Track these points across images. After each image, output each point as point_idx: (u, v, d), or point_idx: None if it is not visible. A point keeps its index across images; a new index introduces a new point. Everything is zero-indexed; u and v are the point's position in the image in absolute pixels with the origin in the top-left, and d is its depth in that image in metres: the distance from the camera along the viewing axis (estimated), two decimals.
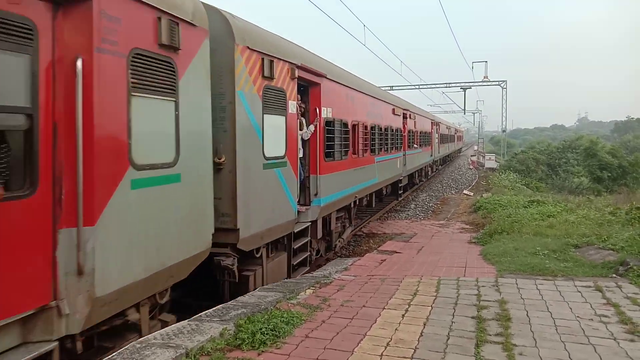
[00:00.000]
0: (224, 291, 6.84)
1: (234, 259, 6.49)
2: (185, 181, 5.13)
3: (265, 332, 4.92)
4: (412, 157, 21.98)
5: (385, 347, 4.77)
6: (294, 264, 8.61)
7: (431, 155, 29.09)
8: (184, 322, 5.17)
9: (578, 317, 5.58)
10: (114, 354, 4.29)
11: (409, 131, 20.74)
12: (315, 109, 9.46)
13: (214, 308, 5.77)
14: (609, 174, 45.92)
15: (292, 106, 8.10)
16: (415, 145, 22.71)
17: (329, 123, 10.06)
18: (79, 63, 3.84)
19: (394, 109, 17.60)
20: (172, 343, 4.50)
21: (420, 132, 24.25)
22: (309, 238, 9.23)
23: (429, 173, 31.70)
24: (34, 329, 3.82)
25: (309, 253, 9.30)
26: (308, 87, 9.42)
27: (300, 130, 8.84)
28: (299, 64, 8.28)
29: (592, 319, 5.49)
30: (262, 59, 7.01)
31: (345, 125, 11.27)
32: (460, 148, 74.24)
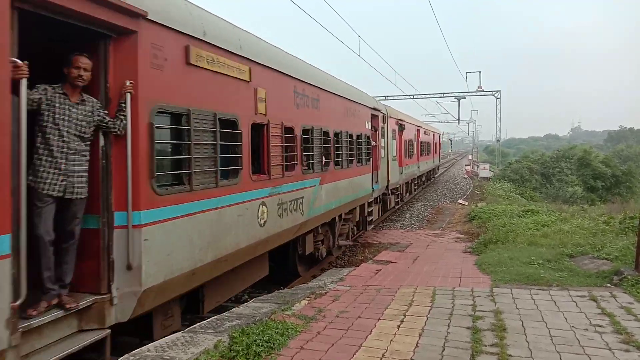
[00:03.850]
0: None
1: None
2: None
3: (260, 344, 4.89)
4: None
5: (381, 359, 4.75)
6: None
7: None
8: (178, 334, 5.13)
9: (573, 327, 5.58)
10: None
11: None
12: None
13: (208, 319, 5.74)
14: (603, 184, 46.11)
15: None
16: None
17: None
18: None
19: None
20: (165, 355, 4.47)
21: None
22: None
23: None
24: None
25: None
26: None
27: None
28: None
29: (587, 329, 5.50)
30: None
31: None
32: (434, 168, 38.59)
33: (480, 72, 50.82)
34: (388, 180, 17.27)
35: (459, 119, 60.24)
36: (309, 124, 9.26)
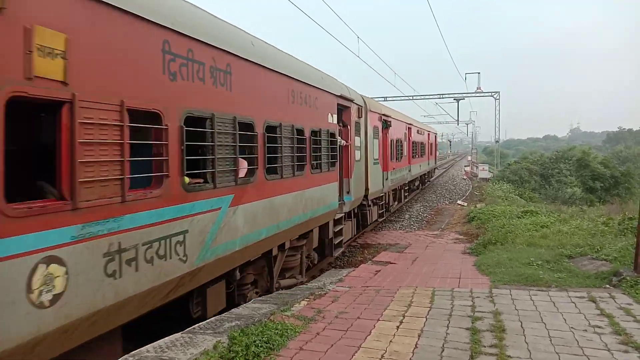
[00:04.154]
0: None
1: None
2: None
3: (259, 345, 4.89)
4: None
5: None
6: None
7: None
8: (177, 335, 5.13)
9: (572, 328, 5.58)
10: None
11: None
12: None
13: (207, 320, 5.73)
14: (602, 185, 46.19)
15: None
16: None
17: None
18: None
19: None
20: (165, 356, 4.46)
21: None
22: None
23: None
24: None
25: None
26: None
27: None
28: None
29: (586, 330, 5.50)
30: None
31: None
32: (429, 171, 35.47)
33: (479, 73, 50.87)
34: (367, 189, 14.17)
35: (458, 120, 60.27)
36: (205, 109, 5.74)
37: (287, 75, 8.20)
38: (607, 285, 7.44)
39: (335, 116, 10.97)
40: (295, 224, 8.61)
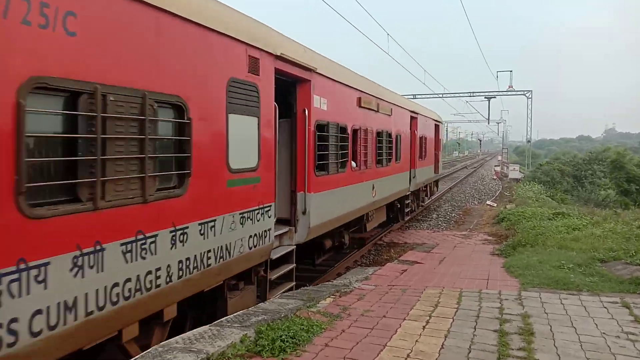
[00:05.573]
0: None
1: None
2: None
3: (285, 340, 4.94)
4: None
5: (406, 359, 4.74)
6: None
7: None
8: (205, 327, 5.23)
9: (604, 333, 5.45)
10: (136, 356, 4.36)
11: None
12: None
13: (234, 314, 5.82)
14: (637, 187, 44.76)
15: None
16: None
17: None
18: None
19: None
20: (193, 348, 4.56)
21: None
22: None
23: None
24: None
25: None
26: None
27: None
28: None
29: (618, 336, 5.36)
30: None
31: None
32: (415, 191, 18.28)
33: (511, 71, 50.03)
34: None
35: (488, 119, 59.39)
36: None
37: None
38: None
39: None
40: None
